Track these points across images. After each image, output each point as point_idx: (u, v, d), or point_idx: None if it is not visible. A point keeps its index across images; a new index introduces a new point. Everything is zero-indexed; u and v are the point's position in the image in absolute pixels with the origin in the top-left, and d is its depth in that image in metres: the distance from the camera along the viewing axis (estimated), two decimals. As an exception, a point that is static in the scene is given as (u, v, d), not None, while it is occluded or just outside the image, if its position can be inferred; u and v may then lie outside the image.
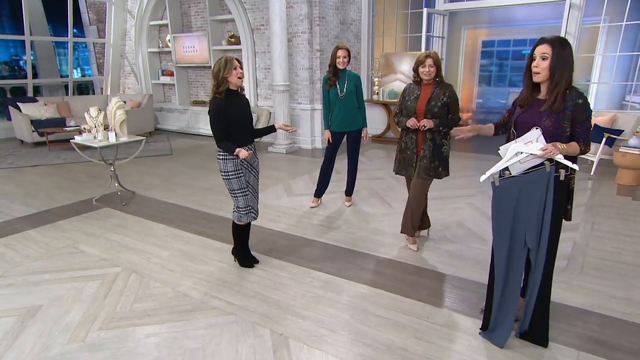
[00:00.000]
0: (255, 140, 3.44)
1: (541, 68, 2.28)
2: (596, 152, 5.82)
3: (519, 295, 2.52)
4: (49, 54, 11.12)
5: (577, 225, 4.19)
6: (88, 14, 11.21)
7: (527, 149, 2.27)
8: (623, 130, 5.90)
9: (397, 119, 3.68)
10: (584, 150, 2.33)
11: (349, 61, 4.47)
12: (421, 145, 3.54)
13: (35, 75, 10.37)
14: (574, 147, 2.30)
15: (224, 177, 3.26)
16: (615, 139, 5.85)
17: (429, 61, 3.36)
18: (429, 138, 3.50)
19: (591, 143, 2.36)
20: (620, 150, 5.51)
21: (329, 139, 4.67)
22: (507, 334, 2.52)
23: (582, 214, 4.53)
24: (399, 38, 9.10)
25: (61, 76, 11.55)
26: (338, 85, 4.51)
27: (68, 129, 7.94)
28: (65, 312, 2.96)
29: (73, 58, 10.68)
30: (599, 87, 8.47)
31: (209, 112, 3.18)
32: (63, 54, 12.73)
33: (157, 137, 9.45)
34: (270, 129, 3.58)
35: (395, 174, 3.80)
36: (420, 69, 3.42)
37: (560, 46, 2.24)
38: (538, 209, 2.32)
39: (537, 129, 2.28)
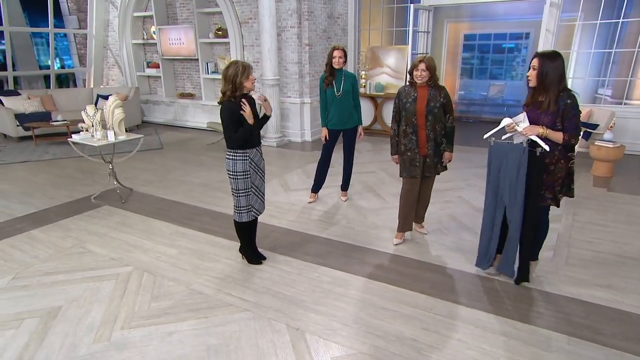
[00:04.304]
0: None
1: (532, 76, 2.90)
2: (574, 146, 6.15)
3: (498, 234, 3.24)
4: (26, 44, 10.80)
5: (559, 217, 4.50)
6: (67, 3, 10.91)
7: (515, 125, 2.98)
8: (598, 125, 6.25)
9: (395, 127, 3.87)
10: (568, 141, 2.84)
11: (345, 61, 4.61)
12: (425, 145, 3.76)
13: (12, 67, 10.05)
14: (557, 135, 2.84)
15: (232, 176, 3.40)
16: (591, 132, 6.21)
17: (422, 65, 3.59)
18: (432, 138, 3.74)
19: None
20: (595, 143, 5.87)
21: (326, 136, 4.83)
22: (507, 262, 3.27)
23: (563, 205, 4.82)
24: (384, 32, 9.25)
25: (40, 67, 11.25)
26: (335, 85, 4.65)
27: (55, 123, 7.84)
28: (85, 312, 3.07)
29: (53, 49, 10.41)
30: (574, 81, 8.84)
31: (220, 114, 3.31)
32: (40, 43, 12.36)
33: (145, 130, 9.37)
34: (265, 118, 3.57)
35: (400, 176, 3.94)
36: (414, 73, 3.66)
37: (548, 59, 2.81)
38: (512, 172, 2.99)
39: (523, 112, 2.96)
